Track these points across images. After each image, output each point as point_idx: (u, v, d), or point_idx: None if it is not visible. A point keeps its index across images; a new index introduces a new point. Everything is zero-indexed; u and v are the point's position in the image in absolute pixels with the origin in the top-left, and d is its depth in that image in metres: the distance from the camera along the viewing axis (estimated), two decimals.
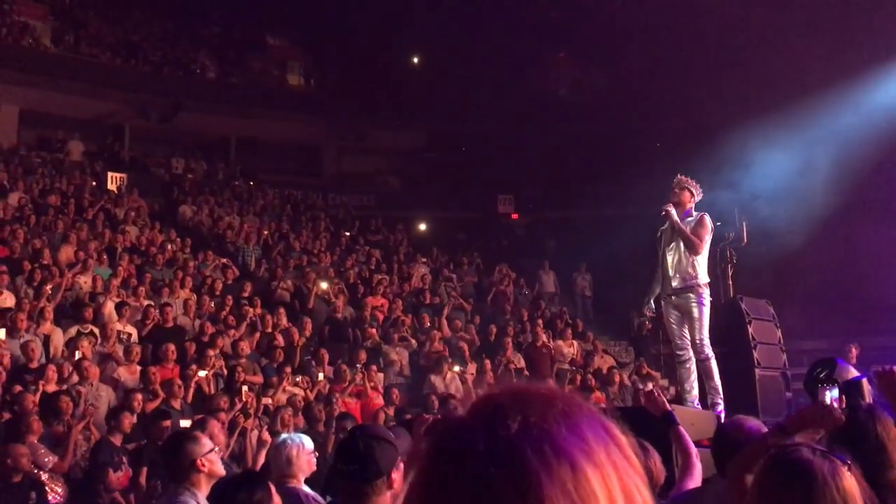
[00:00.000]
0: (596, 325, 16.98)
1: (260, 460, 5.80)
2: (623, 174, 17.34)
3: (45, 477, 6.98)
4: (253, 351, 11.13)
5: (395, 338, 12.78)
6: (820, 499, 1.99)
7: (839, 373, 5.13)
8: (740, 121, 14.05)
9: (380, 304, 14.17)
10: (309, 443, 4.61)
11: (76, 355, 9.45)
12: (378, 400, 10.82)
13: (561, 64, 24.87)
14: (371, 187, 24.58)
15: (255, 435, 7.72)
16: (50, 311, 10.38)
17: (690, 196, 7.39)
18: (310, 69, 26.32)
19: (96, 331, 10.33)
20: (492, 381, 8.10)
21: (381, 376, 11.70)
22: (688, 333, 7.25)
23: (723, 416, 6.69)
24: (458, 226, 22.61)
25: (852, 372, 5.19)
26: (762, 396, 7.62)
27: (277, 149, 24.46)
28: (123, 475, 7.52)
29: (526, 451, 0.83)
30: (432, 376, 11.83)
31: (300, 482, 4.46)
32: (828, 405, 3.07)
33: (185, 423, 7.91)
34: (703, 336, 7.13)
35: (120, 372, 9.68)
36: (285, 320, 12.47)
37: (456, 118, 23.39)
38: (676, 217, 7.22)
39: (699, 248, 7.17)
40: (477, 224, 23.12)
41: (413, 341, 13.02)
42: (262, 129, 23.69)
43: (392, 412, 10.31)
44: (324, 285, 14.22)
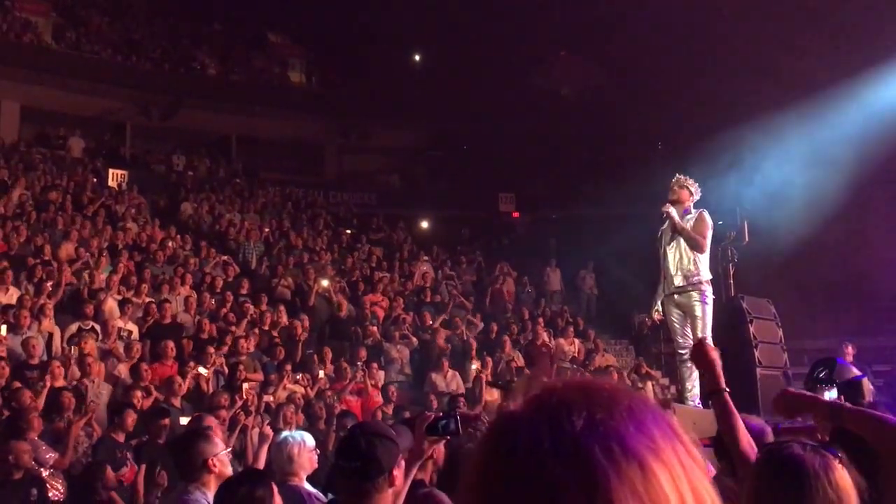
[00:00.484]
0: (598, 324, 16.99)
1: (262, 456, 5.79)
2: (624, 173, 17.32)
3: (46, 474, 6.98)
4: (255, 348, 11.14)
5: (396, 336, 12.79)
6: (813, 493, 2.00)
7: (839, 372, 5.13)
8: (742, 120, 14.04)
9: (379, 300, 14.17)
10: (310, 440, 4.60)
11: (74, 352, 9.44)
12: (379, 398, 10.83)
13: (563, 63, 24.83)
14: (372, 185, 24.59)
15: (255, 432, 7.72)
16: (50, 308, 10.38)
17: (689, 195, 7.41)
18: (311, 67, 26.30)
19: (97, 327, 10.33)
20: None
21: (381, 374, 11.71)
22: (690, 332, 7.26)
23: None
24: (460, 224, 22.61)
25: (853, 371, 5.19)
26: (763, 396, 7.61)
27: (279, 146, 24.45)
28: (129, 471, 7.52)
29: (593, 450, 0.79)
30: (433, 374, 11.85)
31: (302, 480, 4.46)
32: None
33: (185, 420, 7.90)
34: (706, 334, 7.14)
35: (120, 369, 9.68)
36: (286, 318, 12.49)
37: (457, 117, 23.36)
38: (677, 216, 7.23)
39: (703, 245, 7.18)
40: (478, 222, 23.12)
41: (414, 339, 13.03)
42: (263, 127, 23.68)
43: (390, 410, 10.32)
44: (324, 283, 14.23)
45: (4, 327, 9.58)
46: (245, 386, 9.39)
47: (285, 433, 4.89)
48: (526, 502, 0.79)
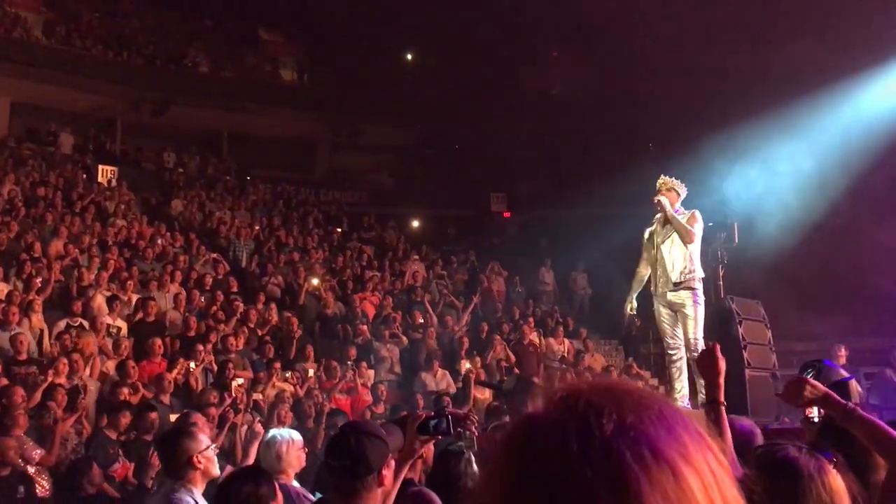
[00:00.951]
0: (589, 324, 16.99)
1: (251, 454, 5.78)
2: (616, 173, 17.33)
3: (33, 471, 6.95)
4: (244, 346, 11.10)
5: (386, 335, 12.77)
6: (807, 495, 2.01)
7: (827, 374, 5.15)
8: (733, 121, 14.07)
9: (368, 298, 14.14)
10: (298, 439, 4.59)
11: (57, 348, 9.38)
12: (368, 397, 10.81)
13: (554, 63, 24.86)
14: (364, 184, 24.58)
15: (244, 430, 7.70)
16: (39, 304, 10.32)
17: (677, 196, 7.43)
18: (303, 64, 26.27)
19: (86, 324, 10.29)
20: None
21: (371, 373, 11.69)
22: (681, 332, 7.26)
23: None
24: (451, 223, 22.61)
25: (840, 373, 5.20)
26: (752, 396, 7.64)
27: (270, 144, 24.40)
28: (120, 468, 7.49)
29: (624, 454, 0.77)
30: (423, 374, 11.83)
31: (290, 478, 4.45)
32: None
33: (175, 417, 7.89)
34: (698, 335, 7.16)
35: (109, 366, 9.63)
36: (276, 316, 12.46)
37: (449, 116, 23.37)
38: (669, 207, 7.25)
39: (692, 236, 7.20)
40: (470, 222, 23.13)
41: (404, 338, 13.01)
42: (254, 125, 23.63)
43: (381, 409, 10.30)
44: (315, 281, 14.20)
45: None
46: (234, 384, 9.35)
47: (273, 431, 4.88)
48: None
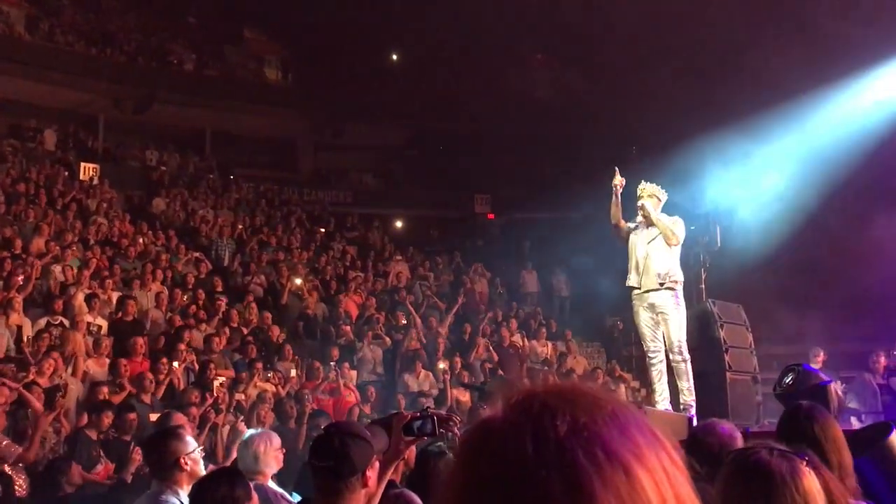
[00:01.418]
0: (569, 326, 17.03)
1: (233, 453, 5.76)
2: (599, 176, 17.38)
3: (9, 469, 6.88)
4: (226, 346, 11.06)
5: (369, 335, 12.75)
6: (780, 499, 2.01)
7: (805, 378, 5.20)
8: (717, 124, 14.14)
9: (351, 298, 14.12)
10: (276, 439, 4.59)
11: (39, 346, 9.30)
12: (351, 397, 10.79)
13: (539, 65, 24.93)
14: (347, 184, 24.51)
15: (226, 430, 7.67)
16: (19, 302, 10.23)
17: (658, 202, 7.46)
18: (287, 63, 26.17)
19: (66, 322, 10.21)
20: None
21: (354, 374, 11.67)
22: (662, 335, 7.30)
23: (695, 420, 6.74)
24: (435, 224, 22.61)
25: (819, 377, 5.25)
26: (733, 399, 7.68)
27: (253, 143, 24.31)
28: (102, 469, 7.44)
29: (577, 454, 0.77)
30: (406, 375, 11.82)
31: (267, 479, 4.44)
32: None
33: (155, 417, 7.84)
34: (681, 338, 7.19)
35: (89, 364, 9.57)
36: (257, 316, 12.42)
37: (434, 117, 23.37)
38: (654, 211, 7.29)
39: (677, 238, 7.25)
40: (454, 223, 23.13)
41: (387, 339, 12.99)
42: (237, 123, 23.52)
43: (368, 409, 10.30)
44: (297, 281, 14.16)
45: None
46: (216, 383, 9.31)
47: (251, 431, 4.87)
48: None
